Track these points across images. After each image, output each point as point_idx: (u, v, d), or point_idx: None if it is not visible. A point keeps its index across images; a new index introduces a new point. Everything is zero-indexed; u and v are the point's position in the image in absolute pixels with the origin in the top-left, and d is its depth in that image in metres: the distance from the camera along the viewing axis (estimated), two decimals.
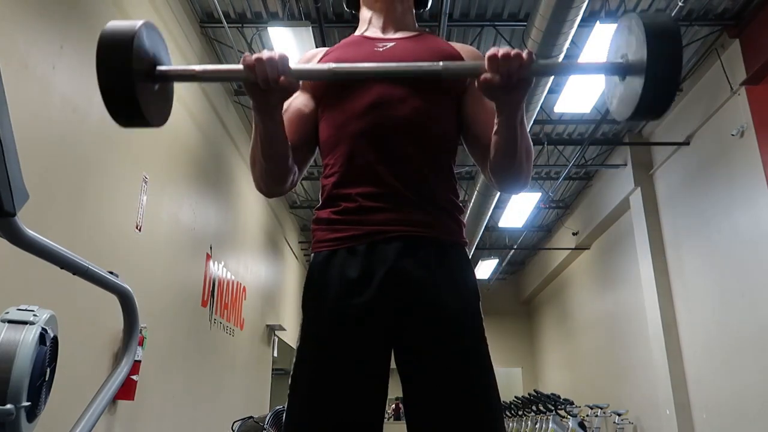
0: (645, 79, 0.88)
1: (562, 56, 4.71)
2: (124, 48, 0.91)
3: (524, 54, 0.96)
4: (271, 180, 1.17)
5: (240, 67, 0.97)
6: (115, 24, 0.94)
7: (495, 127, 1.09)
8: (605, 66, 0.99)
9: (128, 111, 0.93)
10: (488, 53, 0.97)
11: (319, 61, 1.25)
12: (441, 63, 1.00)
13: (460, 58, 1.23)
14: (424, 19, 5.47)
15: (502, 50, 0.97)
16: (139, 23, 0.94)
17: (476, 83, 1.00)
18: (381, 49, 1.22)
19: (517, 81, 0.97)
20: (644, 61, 0.88)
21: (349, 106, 1.17)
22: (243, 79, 0.98)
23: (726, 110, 5.89)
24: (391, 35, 1.28)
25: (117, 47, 0.91)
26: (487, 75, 0.97)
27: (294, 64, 1.00)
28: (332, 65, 1.00)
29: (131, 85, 0.90)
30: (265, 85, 0.97)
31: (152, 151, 4.42)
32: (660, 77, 0.88)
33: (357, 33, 1.34)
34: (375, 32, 1.30)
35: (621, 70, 0.96)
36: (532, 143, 1.16)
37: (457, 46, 1.28)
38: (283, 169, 1.15)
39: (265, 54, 0.96)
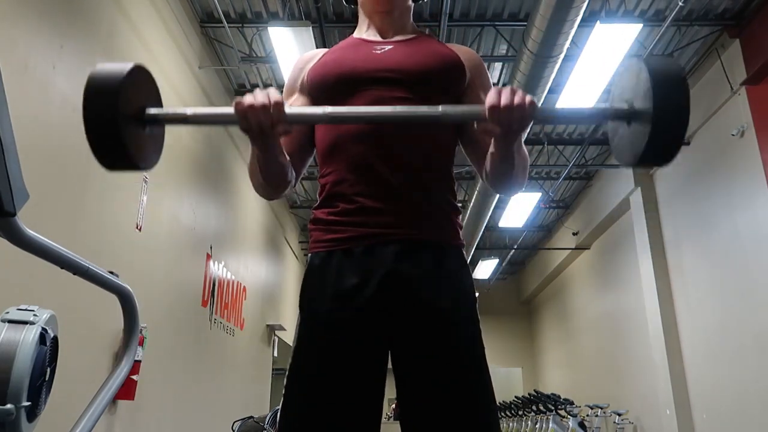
0: (652, 130, 0.86)
1: (562, 56, 4.72)
2: (111, 92, 0.89)
3: (527, 102, 0.94)
4: (271, 190, 1.20)
5: (233, 111, 0.96)
6: (104, 67, 0.92)
7: (491, 149, 1.09)
8: (610, 112, 0.98)
9: (114, 155, 0.92)
10: (489, 102, 0.95)
11: (317, 63, 1.26)
12: (440, 108, 0.98)
13: (458, 60, 1.24)
14: (424, 18, 5.47)
15: (504, 98, 0.94)
16: (128, 66, 0.92)
17: (475, 124, 1.00)
18: (379, 52, 1.23)
19: (517, 128, 0.97)
20: (651, 110, 0.87)
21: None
22: (237, 124, 0.97)
23: (726, 110, 5.89)
24: (389, 38, 1.29)
25: (104, 91, 0.89)
26: (487, 126, 0.97)
27: (288, 108, 0.98)
28: (328, 109, 0.98)
29: (117, 129, 0.89)
30: (259, 132, 0.98)
31: None
32: (668, 127, 0.87)
33: (356, 35, 1.34)
34: (374, 35, 1.30)
35: (626, 116, 0.94)
36: (527, 156, 1.16)
37: (455, 47, 1.28)
38: (282, 182, 1.17)
39: (258, 99, 0.95)
